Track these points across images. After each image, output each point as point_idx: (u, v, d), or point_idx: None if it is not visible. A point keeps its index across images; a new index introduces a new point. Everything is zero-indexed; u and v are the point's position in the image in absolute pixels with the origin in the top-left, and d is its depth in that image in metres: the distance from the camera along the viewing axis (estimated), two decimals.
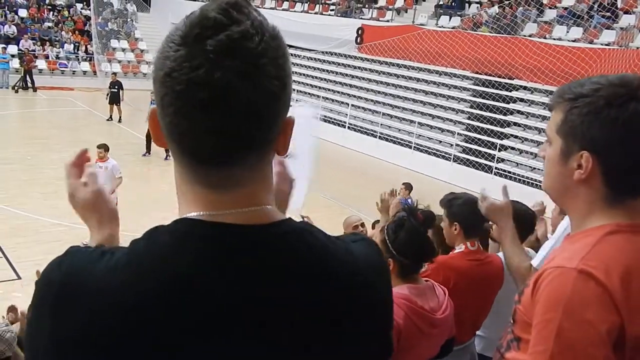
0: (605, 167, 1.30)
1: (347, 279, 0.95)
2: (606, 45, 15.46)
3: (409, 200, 7.84)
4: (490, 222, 3.67)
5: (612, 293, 1.19)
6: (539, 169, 14.41)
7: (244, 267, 0.86)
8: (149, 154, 15.24)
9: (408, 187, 9.37)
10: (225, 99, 0.81)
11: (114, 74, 21.10)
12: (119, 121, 19.12)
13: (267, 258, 0.88)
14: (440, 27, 19.93)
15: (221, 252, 0.86)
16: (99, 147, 9.46)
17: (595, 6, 17.07)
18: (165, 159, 13.82)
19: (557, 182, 1.40)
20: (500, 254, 3.54)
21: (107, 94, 19.59)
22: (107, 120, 19.41)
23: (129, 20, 29.93)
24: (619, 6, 16.67)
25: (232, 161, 0.86)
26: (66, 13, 29.00)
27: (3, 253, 8.71)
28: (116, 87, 19.21)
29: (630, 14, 16.41)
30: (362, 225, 5.27)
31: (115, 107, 19.21)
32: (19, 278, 8.03)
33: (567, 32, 16.97)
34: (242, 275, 0.86)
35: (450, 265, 2.92)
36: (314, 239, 0.93)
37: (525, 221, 3.23)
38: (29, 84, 23.36)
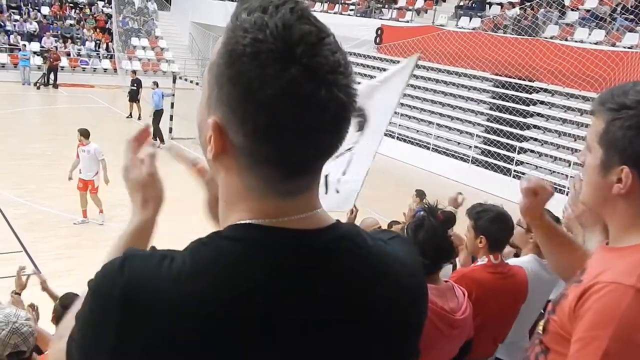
0: None
1: (400, 282, 0.95)
2: (629, 48, 15.27)
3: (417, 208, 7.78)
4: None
5: None
6: (558, 173, 14.28)
7: (315, 273, 0.87)
8: (156, 140, 15.36)
9: (420, 194, 9.16)
10: (338, 117, 0.82)
11: (134, 71, 21.24)
12: (139, 119, 19.21)
13: (332, 262, 0.89)
14: (460, 28, 19.83)
15: (293, 260, 0.86)
16: (79, 131, 9.91)
17: (619, 8, 16.87)
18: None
19: (596, 192, 1.37)
20: (519, 261, 3.48)
21: (129, 92, 19.70)
22: (127, 117, 19.55)
23: (149, 18, 30.16)
24: None
25: (314, 171, 0.88)
26: (88, 11, 29.29)
27: (23, 247, 8.81)
28: (135, 84, 19.31)
29: None
30: (379, 227, 5.24)
31: (135, 105, 19.32)
32: (40, 272, 8.11)
33: (589, 34, 16.79)
34: (315, 281, 0.86)
35: (472, 277, 2.88)
36: (363, 241, 0.94)
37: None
38: (51, 81, 23.62)
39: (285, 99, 0.79)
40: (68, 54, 26.01)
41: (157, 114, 16.05)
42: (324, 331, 0.86)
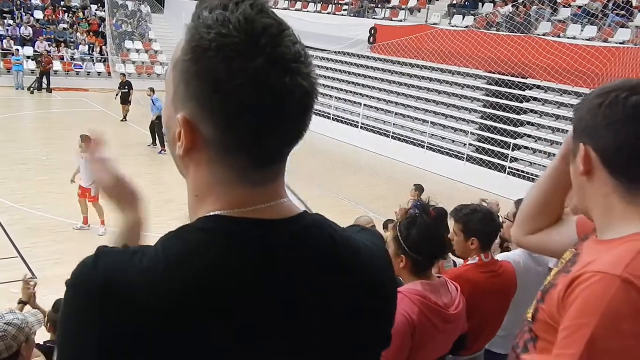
0: (601, 155, 1.30)
1: (366, 270, 0.99)
2: (621, 44, 15.32)
3: (412, 202, 7.87)
4: (502, 220, 3.64)
5: None
6: None
7: (284, 261, 0.89)
8: (155, 145, 15.70)
9: (419, 189, 9.32)
10: (302, 103, 0.87)
11: (123, 74, 21.47)
12: (125, 119, 19.48)
13: (300, 251, 0.92)
14: (453, 26, 19.86)
15: (262, 249, 0.88)
16: (81, 137, 9.63)
17: (610, 5, 16.93)
18: (160, 152, 14.96)
19: (574, 184, 1.40)
20: (510, 254, 3.52)
21: (117, 94, 19.90)
22: (122, 121, 19.61)
23: (143, 21, 30.12)
24: (634, 4, 16.52)
25: (280, 160, 0.92)
26: (81, 15, 29.22)
27: (19, 252, 8.80)
28: (126, 87, 19.54)
29: None
30: (373, 227, 5.28)
31: (125, 106, 19.57)
32: (35, 278, 8.11)
33: (582, 31, 16.85)
34: (284, 270, 0.89)
35: (466, 278, 2.89)
36: (330, 230, 0.97)
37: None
38: (44, 85, 23.58)
39: (253, 88, 0.83)
40: (62, 58, 25.95)
41: (161, 119, 16.14)
42: (295, 319, 0.89)
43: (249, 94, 0.82)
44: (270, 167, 0.91)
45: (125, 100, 19.48)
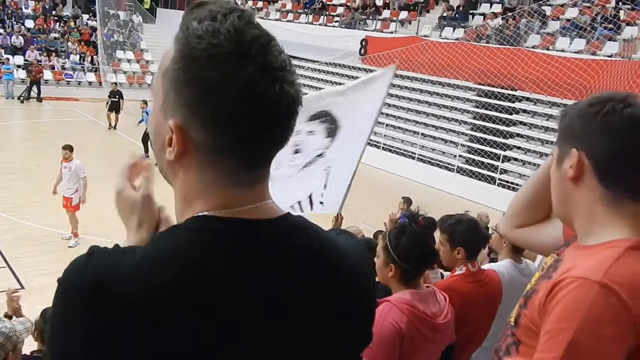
0: (593, 161, 1.32)
1: (346, 271, 1.01)
2: (609, 56, 15.50)
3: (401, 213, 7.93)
4: (491, 232, 3.67)
5: (631, 312, 1.17)
6: None
7: (269, 260, 0.92)
8: (148, 156, 15.45)
9: (407, 201, 9.38)
10: (289, 109, 0.90)
11: (114, 83, 21.65)
12: (114, 127, 19.60)
13: (285, 250, 0.94)
14: (443, 38, 20.01)
15: (248, 248, 0.91)
16: (64, 147, 9.76)
17: (598, 18, 17.12)
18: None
19: (556, 190, 1.42)
20: (495, 265, 3.55)
21: (107, 103, 20.00)
22: (109, 129, 19.70)
23: (134, 31, 30.12)
24: (621, 18, 16.73)
25: (267, 162, 0.95)
26: (72, 24, 29.17)
27: (6, 262, 8.74)
28: (117, 96, 19.70)
29: (633, 25, 16.45)
30: (363, 236, 5.27)
31: (114, 115, 19.69)
32: (22, 288, 8.05)
33: (570, 43, 17.02)
34: (269, 269, 0.91)
35: (455, 289, 2.89)
36: (314, 231, 1.00)
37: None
38: (34, 94, 23.49)
39: (245, 96, 0.86)
40: (52, 67, 25.88)
41: None
42: (278, 318, 0.91)
43: (240, 101, 0.86)
44: (257, 169, 0.94)
45: (115, 109, 19.59)
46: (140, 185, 1.20)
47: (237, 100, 0.86)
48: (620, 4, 17.14)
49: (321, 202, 4.90)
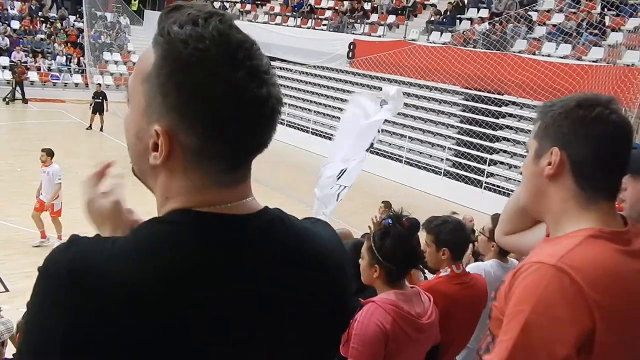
0: (573, 163, 1.35)
1: (323, 260, 1.03)
2: (594, 62, 15.64)
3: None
4: (477, 234, 3.69)
5: (587, 296, 1.20)
6: None
7: (252, 253, 0.93)
8: None
9: (387, 205, 9.40)
10: (274, 111, 0.92)
11: (98, 84, 21.58)
12: (101, 129, 19.47)
13: (265, 243, 0.95)
14: (431, 42, 20.10)
15: (230, 241, 0.91)
16: (42, 151, 9.55)
17: (584, 24, 17.29)
18: None
19: (530, 183, 1.44)
20: (482, 264, 3.57)
21: (91, 104, 19.93)
22: (87, 129, 19.68)
23: (122, 33, 29.97)
24: (606, 24, 16.88)
25: (250, 162, 0.96)
26: (59, 25, 29.00)
27: None
28: (100, 97, 19.61)
29: (618, 31, 16.62)
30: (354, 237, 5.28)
31: (98, 116, 19.59)
32: (7, 290, 7.98)
33: (556, 48, 17.16)
34: (252, 261, 0.92)
35: (439, 290, 2.89)
36: (291, 223, 1.01)
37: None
38: (20, 96, 23.30)
39: (234, 99, 0.87)
40: (39, 69, 25.70)
41: None
42: (268, 313, 0.92)
43: (231, 104, 0.87)
44: (240, 170, 0.95)
45: (99, 110, 19.51)
46: (109, 191, 1.21)
47: (227, 104, 0.87)
48: (605, 10, 17.31)
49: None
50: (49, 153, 9.52)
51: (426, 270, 4.05)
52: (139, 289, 0.84)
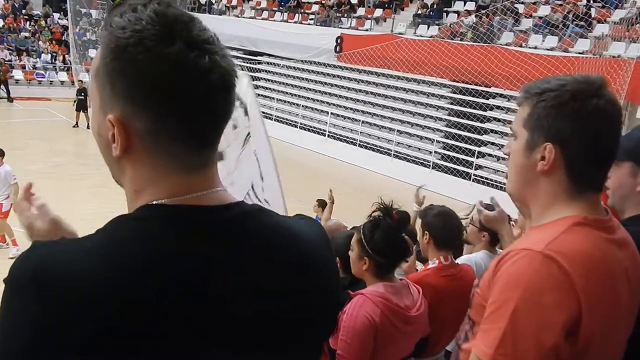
0: (567, 159, 1.33)
1: (305, 254, 1.00)
2: (580, 53, 15.72)
3: (317, 217, 7.77)
4: (466, 225, 3.70)
5: (574, 282, 1.19)
6: None
7: (224, 247, 0.90)
8: None
9: (322, 204, 9.17)
10: (224, 80, 0.90)
11: (81, 81, 21.34)
12: (87, 127, 19.11)
13: (239, 236, 0.92)
14: (418, 36, 20.11)
15: (201, 235, 0.89)
16: None
17: (570, 16, 17.38)
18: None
19: (520, 174, 1.42)
20: (472, 256, 3.57)
21: (74, 101, 19.79)
22: (74, 127, 19.53)
23: None
24: (592, 16, 16.98)
25: (213, 143, 0.94)
26: (43, 23, 28.76)
27: None
28: (83, 94, 19.39)
29: (604, 23, 16.72)
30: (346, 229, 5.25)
31: (82, 114, 19.42)
32: None
33: (543, 41, 17.24)
34: (224, 255, 0.90)
35: (427, 282, 2.88)
36: (268, 217, 0.99)
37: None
38: (4, 94, 23.07)
39: (177, 72, 0.87)
40: (23, 67, 25.46)
41: None
42: (234, 304, 0.89)
43: (173, 78, 0.86)
44: (202, 150, 0.93)
45: (83, 107, 19.34)
46: (42, 211, 1.22)
47: (170, 78, 0.86)
48: (591, 2, 17.41)
49: (266, 200, 4.40)
50: (2, 154, 9.17)
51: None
52: (106, 287, 0.82)
